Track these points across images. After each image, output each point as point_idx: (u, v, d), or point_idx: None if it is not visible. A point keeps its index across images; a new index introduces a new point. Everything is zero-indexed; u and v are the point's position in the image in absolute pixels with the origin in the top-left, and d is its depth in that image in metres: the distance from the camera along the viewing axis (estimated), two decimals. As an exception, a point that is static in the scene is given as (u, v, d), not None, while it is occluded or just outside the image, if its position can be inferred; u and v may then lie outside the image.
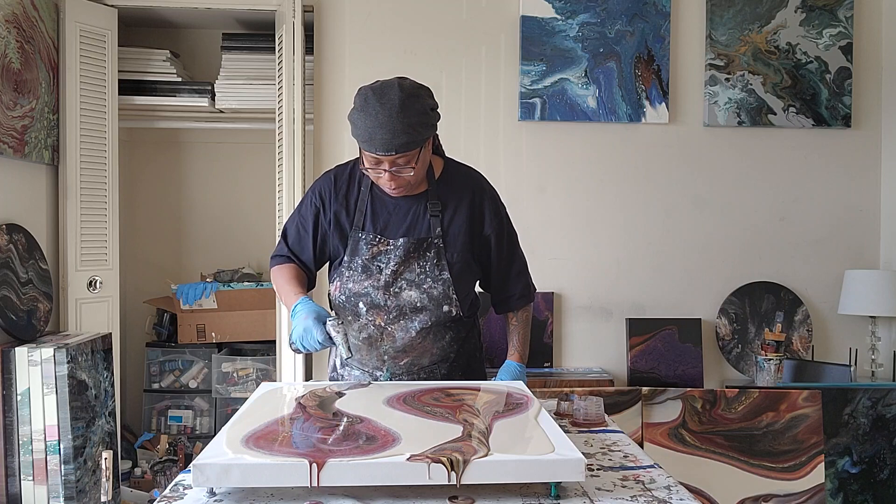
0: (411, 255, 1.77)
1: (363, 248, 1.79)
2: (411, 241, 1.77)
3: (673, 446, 2.55)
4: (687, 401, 2.58)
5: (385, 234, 1.79)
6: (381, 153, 1.63)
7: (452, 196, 1.82)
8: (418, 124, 1.63)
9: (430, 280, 1.77)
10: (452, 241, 1.79)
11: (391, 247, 1.78)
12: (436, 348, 1.83)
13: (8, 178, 2.89)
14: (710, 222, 3.41)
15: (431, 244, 1.78)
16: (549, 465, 1.14)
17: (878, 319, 3.33)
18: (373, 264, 1.78)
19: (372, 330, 1.80)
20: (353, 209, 1.82)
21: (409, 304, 1.78)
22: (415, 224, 1.79)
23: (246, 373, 3.78)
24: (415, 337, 1.79)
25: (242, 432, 1.25)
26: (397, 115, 1.60)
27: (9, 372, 2.59)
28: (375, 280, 1.78)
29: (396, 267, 1.77)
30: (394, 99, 1.61)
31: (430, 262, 1.78)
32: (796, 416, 2.58)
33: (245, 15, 3.62)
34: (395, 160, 1.65)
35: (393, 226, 1.80)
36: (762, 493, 2.55)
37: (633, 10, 3.30)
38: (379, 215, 1.80)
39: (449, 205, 1.80)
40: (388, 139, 1.60)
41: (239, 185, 4.09)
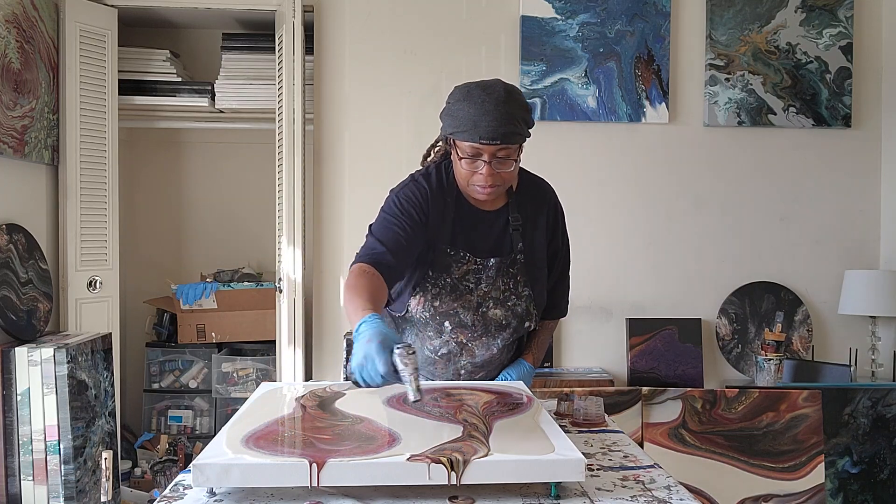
0: (499, 274, 1.73)
1: (453, 266, 1.71)
2: (503, 261, 1.72)
3: (673, 446, 2.56)
4: (687, 401, 2.58)
5: (473, 252, 1.72)
6: (485, 141, 1.57)
7: (530, 209, 1.78)
8: (521, 119, 1.61)
9: (514, 297, 1.75)
10: (532, 258, 1.76)
11: (481, 266, 1.72)
12: (504, 358, 1.85)
13: (8, 178, 2.89)
14: (710, 222, 3.41)
15: (515, 261, 1.74)
16: (549, 465, 1.13)
17: (878, 319, 3.33)
18: (462, 284, 1.72)
19: (453, 346, 1.76)
20: (442, 224, 1.72)
21: (495, 322, 1.75)
22: (500, 242, 1.75)
23: (246, 373, 3.78)
24: (496, 354, 1.79)
25: (242, 432, 1.25)
26: (503, 104, 1.58)
27: (9, 372, 2.59)
28: (466, 301, 1.72)
29: (487, 288, 1.72)
30: (499, 90, 1.60)
31: (513, 279, 1.74)
32: (796, 416, 2.58)
33: (245, 15, 3.62)
34: (497, 152, 1.60)
35: (479, 243, 1.73)
36: (762, 493, 2.55)
37: (633, 10, 3.30)
38: (468, 233, 1.73)
39: (528, 219, 1.77)
40: (494, 127, 1.56)
41: (239, 185, 4.09)
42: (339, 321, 3.35)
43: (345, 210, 3.35)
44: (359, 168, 3.35)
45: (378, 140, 3.34)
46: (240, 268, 3.95)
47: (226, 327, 3.81)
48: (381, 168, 3.34)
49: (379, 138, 3.34)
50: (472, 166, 1.63)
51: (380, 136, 3.34)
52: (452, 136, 1.63)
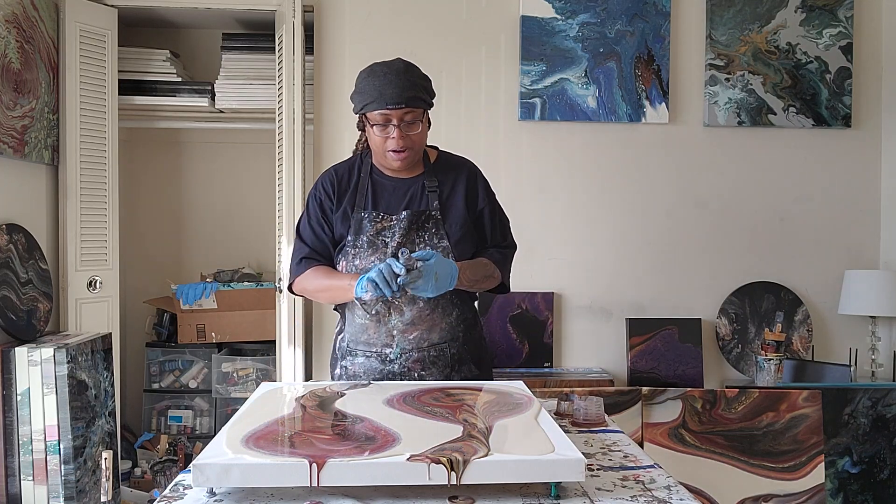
0: (412, 227, 1.85)
1: (367, 225, 1.86)
2: (413, 213, 1.85)
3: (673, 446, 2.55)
4: (687, 401, 2.58)
5: (387, 211, 1.88)
6: (391, 106, 1.76)
7: (447, 176, 1.93)
8: (422, 86, 1.82)
9: (429, 249, 1.84)
10: (450, 213, 1.89)
11: (394, 221, 1.85)
12: (444, 323, 1.88)
13: (8, 178, 2.89)
14: (710, 222, 3.41)
15: (430, 216, 1.87)
16: (549, 465, 1.14)
17: (878, 319, 3.33)
18: (378, 239, 1.85)
19: (380, 306, 1.85)
20: (354, 193, 1.91)
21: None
22: (413, 200, 1.89)
23: (246, 373, 3.78)
24: (422, 308, 1.84)
25: (242, 432, 1.25)
26: (404, 74, 1.80)
27: (9, 372, 2.59)
28: (381, 254, 1.84)
29: (401, 239, 1.84)
30: (399, 64, 1.84)
31: (429, 232, 1.86)
32: (796, 416, 2.58)
33: (245, 15, 3.62)
34: (404, 116, 1.78)
35: (393, 204, 1.89)
36: (762, 493, 2.55)
37: (633, 10, 3.30)
38: (380, 196, 1.90)
39: (445, 182, 1.92)
40: (398, 92, 1.77)
41: (239, 185, 4.09)
42: (339, 321, 3.34)
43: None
44: (359, 168, 3.34)
45: (378, 140, 3.34)
46: (240, 268, 3.95)
47: (226, 327, 3.80)
48: (381, 168, 3.34)
49: (379, 138, 3.33)
50: (384, 133, 1.81)
51: (380, 136, 3.33)
52: (364, 111, 1.82)
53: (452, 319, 1.89)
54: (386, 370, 1.88)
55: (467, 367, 1.92)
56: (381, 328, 1.86)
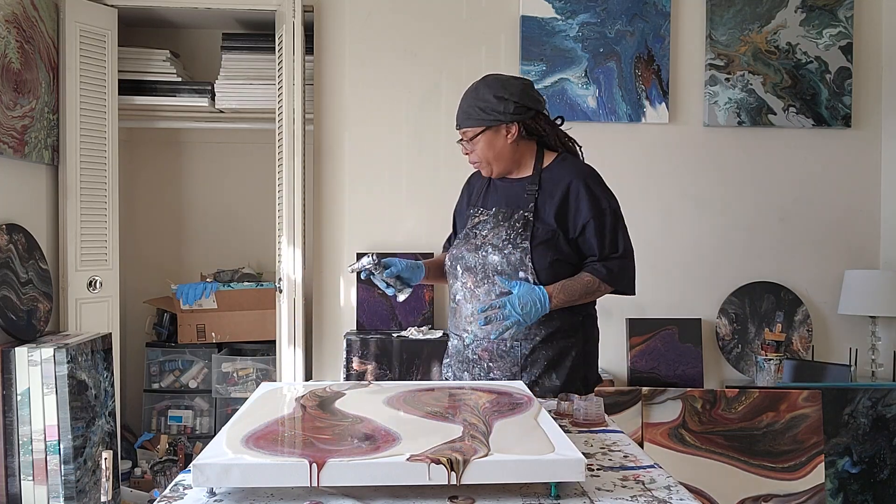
0: (501, 223, 1.94)
1: (469, 220, 2.04)
2: (501, 209, 1.96)
3: (673, 446, 2.55)
4: (687, 401, 2.58)
5: (486, 206, 2.02)
6: (457, 129, 1.97)
7: (552, 182, 1.97)
8: (477, 107, 1.92)
9: (510, 246, 1.90)
10: (542, 216, 1.93)
11: (488, 216, 1.98)
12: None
13: (8, 178, 2.89)
14: (710, 222, 3.41)
15: (521, 216, 1.93)
16: (549, 465, 1.13)
17: (878, 319, 3.33)
18: (472, 232, 2.00)
19: (464, 292, 1.97)
20: (475, 195, 2.10)
21: (492, 268, 1.91)
22: (511, 199, 1.98)
23: (246, 373, 3.78)
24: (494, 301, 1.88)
25: (242, 432, 1.25)
26: (469, 96, 1.95)
27: (9, 372, 2.59)
28: (470, 245, 1.97)
29: (487, 232, 1.95)
30: (471, 86, 1.97)
31: (515, 231, 1.92)
32: (796, 416, 2.58)
33: (245, 15, 3.62)
34: (463, 135, 1.96)
35: (494, 201, 2.02)
36: (762, 493, 2.55)
37: (633, 10, 3.30)
38: (489, 196, 2.04)
39: (547, 188, 1.96)
40: (458, 113, 1.96)
41: (239, 185, 4.09)
42: (339, 321, 3.35)
43: (345, 210, 3.35)
44: (359, 168, 3.35)
45: (378, 140, 3.34)
46: (240, 268, 3.95)
47: (226, 327, 3.81)
48: (381, 168, 3.34)
49: (379, 138, 3.34)
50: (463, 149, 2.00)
51: (380, 135, 3.34)
52: None
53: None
54: (464, 354, 2.00)
55: (540, 371, 1.92)
56: (463, 313, 1.98)
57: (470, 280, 1.95)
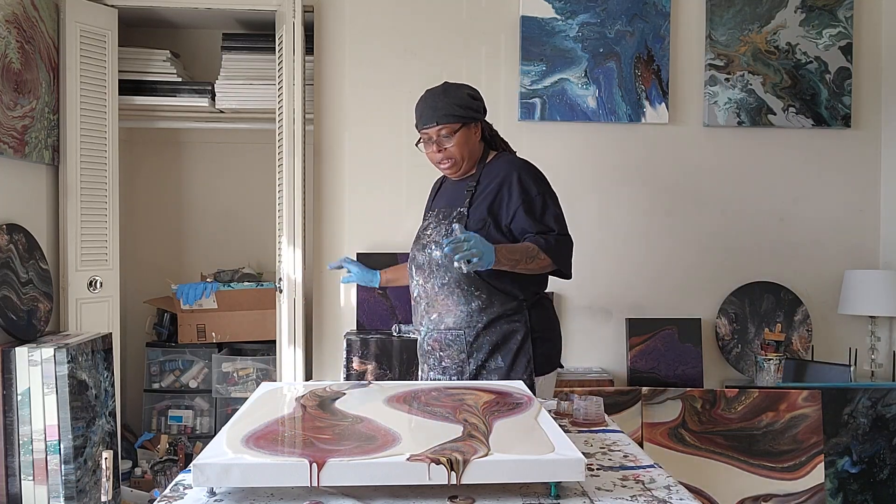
0: (441, 221, 2.11)
1: (423, 223, 2.20)
2: (442, 209, 2.13)
3: (673, 446, 2.56)
4: (687, 401, 2.58)
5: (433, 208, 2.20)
6: (427, 126, 2.04)
7: (489, 177, 2.10)
8: (455, 105, 2.04)
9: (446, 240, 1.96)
10: (475, 210, 2.07)
11: (431, 217, 2.16)
12: (458, 310, 2.06)
13: (8, 178, 2.89)
14: (710, 222, 3.41)
15: (458, 212, 2.08)
16: (549, 464, 1.14)
17: (877, 319, 3.33)
18: (423, 233, 2.16)
19: (418, 289, 2.14)
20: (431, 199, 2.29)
21: (435, 263, 2.07)
22: (452, 198, 2.14)
23: (246, 373, 3.79)
24: (437, 293, 2.08)
25: (242, 432, 1.26)
26: (440, 95, 2.06)
27: (9, 372, 2.59)
28: (419, 244, 2.15)
29: (431, 231, 2.12)
30: (439, 88, 2.09)
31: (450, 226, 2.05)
32: (796, 416, 2.58)
33: (245, 15, 3.62)
34: (439, 132, 2.04)
35: (441, 203, 2.19)
36: (762, 493, 2.55)
37: (633, 10, 3.30)
38: (438, 199, 2.23)
39: (483, 183, 2.10)
40: (431, 113, 2.04)
41: (239, 185, 4.10)
42: (339, 321, 3.35)
43: (345, 210, 3.35)
44: (359, 168, 3.35)
45: (378, 140, 3.34)
46: (240, 268, 3.95)
47: (226, 327, 3.81)
48: (381, 168, 3.34)
49: (379, 138, 3.34)
50: (428, 148, 2.09)
51: (380, 136, 3.34)
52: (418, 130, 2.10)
53: (471, 309, 2.05)
54: (422, 347, 2.17)
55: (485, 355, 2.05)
56: (419, 309, 2.15)
57: (420, 277, 2.12)
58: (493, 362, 2.05)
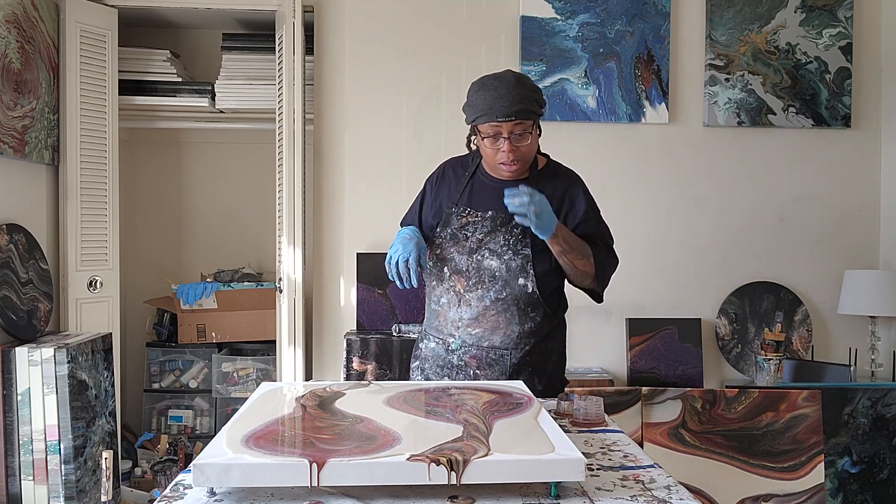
0: (498, 227, 1.88)
1: (454, 220, 1.93)
2: (499, 214, 1.88)
3: (673, 446, 2.56)
4: (687, 401, 2.58)
5: (474, 207, 1.92)
6: (501, 119, 1.78)
7: (550, 185, 1.93)
8: (532, 98, 1.82)
9: (510, 252, 1.86)
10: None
11: (479, 218, 1.90)
12: (510, 330, 1.88)
13: (8, 178, 2.89)
14: (710, 222, 3.41)
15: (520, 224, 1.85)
16: (549, 464, 1.14)
17: (878, 319, 3.33)
18: (461, 233, 1.91)
19: (451, 295, 1.91)
20: (454, 191, 1.98)
21: (489, 273, 1.86)
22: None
23: (246, 373, 3.79)
24: (489, 307, 1.87)
25: (242, 432, 1.26)
26: (514, 87, 1.80)
27: (9, 372, 2.59)
28: (461, 247, 1.90)
29: (482, 236, 1.89)
30: (509, 76, 1.83)
31: (514, 237, 1.87)
32: (796, 416, 2.58)
33: (245, 15, 3.62)
34: (513, 128, 1.80)
35: (485, 202, 1.92)
36: (762, 493, 2.55)
37: (633, 10, 3.30)
38: (475, 195, 1.95)
39: (546, 191, 1.86)
40: (508, 106, 1.78)
41: (239, 185, 4.10)
42: (339, 321, 3.35)
43: (345, 210, 3.35)
44: (359, 168, 3.35)
45: (378, 140, 3.34)
46: (240, 268, 3.95)
47: (226, 327, 3.81)
48: (381, 168, 3.34)
49: (379, 138, 3.34)
50: (494, 145, 1.84)
51: (380, 136, 3.34)
52: (475, 123, 1.84)
53: (522, 330, 1.89)
54: (447, 359, 1.94)
55: (526, 377, 1.89)
56: (450, 317, 1.92)
57: (459, 283, 1.90)
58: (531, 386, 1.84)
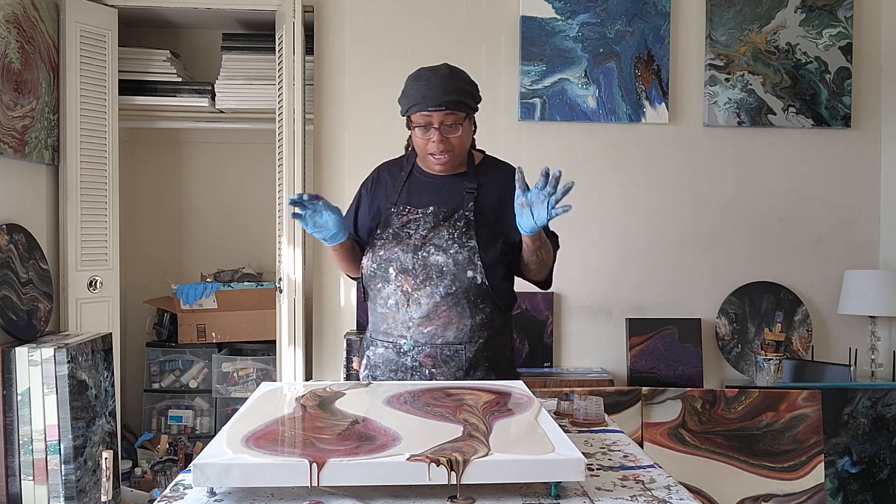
0: (441, 222, 1.87)
1: (394, 219, 1.91)
2: (441, 209, 1.88)
3: (673, 446, 2.56)
4: (687, 401, 2.58)
5: (414, 205, 1.91)
6: (432, 108, 1.80)
7: (487, 179, 1.94)
8: (465, 91, 1.85)
9: (456, 245, 1.84)
10: (483, 214, 1.89)
11: (420, 214, 1.89)
12: (462, 324, 1.85)
13: (8, 178, 2.89)
14: (710, 222, 3.41)
15: (462, 215, 1.87)
16: (549, 464, 1.14)
17: (877, 319, 3.33)
18: (403, 231, 1.89)
19: (399, 296, 1.86)
20: (391, 191, 1.97)
21: (436, 269, 1.84)
22: (448, 197, 1.91)
23: (246, 373, 3.78)
24: (439, 303, 1.83)
25: (242, 432, 1.25)
26: (448, 78, 1.84)
27: (9, 372, 2.59)
28: (405, 245, 1.87)
29: (426, 232, 1.86)
30: (444, 69, 1.87)
31: (458, 230, 1.86)
32: (796, 416, 2.58)
33: (245, 15, 3.62)
34: (444, 118, 1.81)
35: (424, 199, 1.92)
36: (762, 493, 2.55)
37: (633, 10, 3.30)
38: (413, 192, 1.94)
39: (484, 185, 1.92)
40: (439, 95, 1.80)
41: (239, 185, 4.10)
42: (339, 321, 3.35)
43: (345, 210, 3.34)
44: (359, 168, 3.34)
45: (378, 140, 3.34)
46: (240, 268, 3.95)
47: (226, 327, 3.81)
48: (381, 168, 3.34)
49: (379, 138, 3.33)
50: (425, 135, 1.86)
51: (380, 136, 3.33)
52: (408, 113, 1.87)
53: (474, 323, 1.86)
54: (400, 362, 1.87)
55: (482, 374, 1.88)
56: (399, 318, 1.87)
57: (407, 282, 1.85)
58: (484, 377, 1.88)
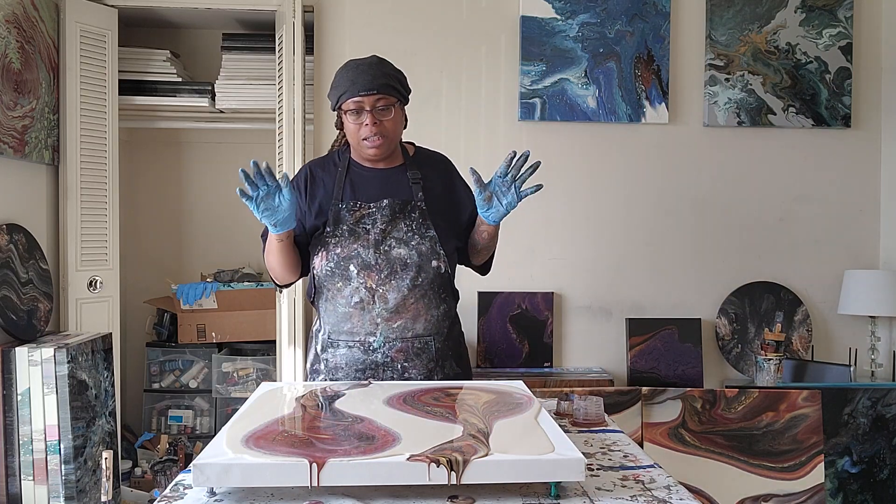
0: (397, 215, 1.87)
1: (346, 215, 1.88)
2: (396, 201, 1.87)
3: (673, 446, 2.56)
4: (687, 401, 2.58)
5: (365, 199, 1.89)
6: (363, 93, 1.80)
7: (426, 169, 1.96)
8: (395, 77, 1.86)
9: (417, 237, 1.86)
10: (433, 204, 1.90)
11: (374, 208, 1.87)
12: (430, 315, 1.86)
13: (8, 178, 2.89)
14: (710, 222, 3.41)
15: (415, 206, 1.88)
16: (549, 464, 1.14)
17: (877, 319, 3.33)
18: (359, 227, 1.86)
19: (364, 293, 1.83)
20: (331, 187, 1.93)
21: (400, 262, 1.83)
22: (395, 189, 1.91)
23: (246, 373, 3.78)
24: (407, 296, 1.83)
25: (242, 432, 1.26)
26: (376, 65, 1.85)
27: (9, 372, 2.59)
28: (364, 241, 1.85)
29: (384, 226, 1.85)
30: (373, 59, 1.88)
31: (415, 221, 1.87)
32: (796, 416, 2.58)
33: (245, 15, 3.62)
34: (376, 102, 1.81)
35: (372, 193, 1.90)
36: (762, 493, 2.55)
37: (633, 10, 3.30)
38: (357, 187, 1.92)
39: (426, 175, 1.94)
40: (370, 80, 1.81)
41: (239, 185, 4.09)
42: (339, 321, 3.35)
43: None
44: (359, 168, 3.35)
45: (378, 140, 3.34)
46: (240, 268, 3.95)
47: (226, 327, 3.81)
48: (381, 168, 3.34)
49: (379, 138, 3.34)
50: (357, 120, 1.84)
51: (380, 136, 3.34)
52: (339, 101, 1.85)
53: (439, 313, 1.88)
54: (369, 360, 1.85)
55: (450, 364, 1.92)
56: (365, 315, 1.83)
57: (370, 279, 1.82)
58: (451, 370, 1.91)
